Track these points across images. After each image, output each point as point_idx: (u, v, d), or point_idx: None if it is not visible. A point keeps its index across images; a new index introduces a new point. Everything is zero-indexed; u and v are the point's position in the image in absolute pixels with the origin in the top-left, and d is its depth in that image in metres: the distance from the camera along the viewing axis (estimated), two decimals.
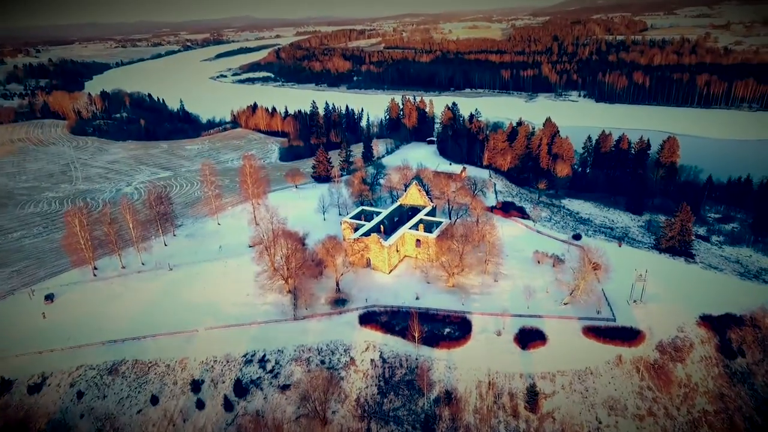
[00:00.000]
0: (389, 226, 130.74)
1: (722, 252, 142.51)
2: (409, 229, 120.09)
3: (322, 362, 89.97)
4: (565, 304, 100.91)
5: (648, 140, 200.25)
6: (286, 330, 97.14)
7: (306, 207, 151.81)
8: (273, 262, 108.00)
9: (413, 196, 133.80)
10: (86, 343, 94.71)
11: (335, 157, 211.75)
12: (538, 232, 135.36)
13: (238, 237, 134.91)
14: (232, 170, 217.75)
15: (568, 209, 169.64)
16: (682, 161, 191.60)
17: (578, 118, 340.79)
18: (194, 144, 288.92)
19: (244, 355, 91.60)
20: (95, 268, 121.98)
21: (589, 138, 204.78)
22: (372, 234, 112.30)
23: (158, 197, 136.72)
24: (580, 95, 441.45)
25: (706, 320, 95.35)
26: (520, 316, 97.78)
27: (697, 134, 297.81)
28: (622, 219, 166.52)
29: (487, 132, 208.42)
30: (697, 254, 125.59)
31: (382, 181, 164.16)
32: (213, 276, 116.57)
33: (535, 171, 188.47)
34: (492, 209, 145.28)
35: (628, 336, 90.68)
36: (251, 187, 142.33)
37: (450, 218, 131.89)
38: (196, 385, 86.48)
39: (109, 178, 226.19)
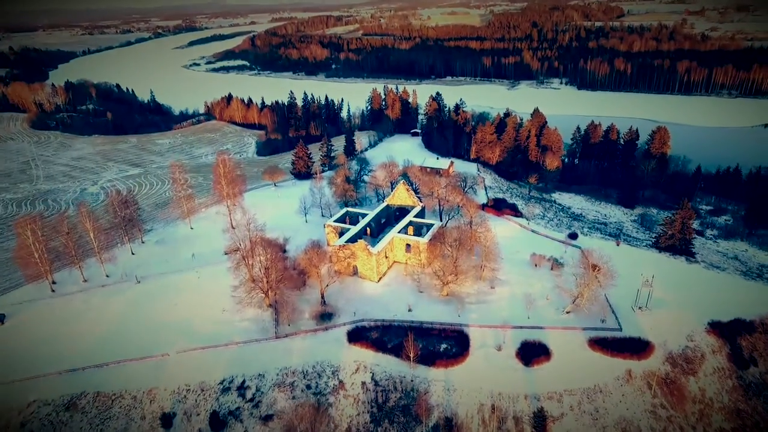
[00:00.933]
0: (376, 229, 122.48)
1: (718, 247, 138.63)
2: (398, 233, 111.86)
3: (308, 387, 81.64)
4: (567, 312, 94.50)
5: (636, 130, 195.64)
6: (268, 350, 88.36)
7: (286, 207, 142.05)
8: (251, 274, 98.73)
9: (401, 196, 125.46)
10: (41, 374, 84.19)
11: (315, 151, 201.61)
12: (533, 231, 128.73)
13: (212, 243, 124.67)
14: (206, 166, 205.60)
15: (559, 204, 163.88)
16: (670, 151, 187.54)
17: (561, 106, 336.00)
18: (166, 138, 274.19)
19: (221, 382, 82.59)
20: (53, 282, 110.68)
21: (578, 129, 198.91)
22: (359, 240, 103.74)
23: (123, 201, 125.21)
24: (561, 82, 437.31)
25: (715, 327, 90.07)
26: (521, 327, 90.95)
27: (681, 122, 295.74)
28: (614, 213, 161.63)
29: (473, 123, 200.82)
30: (696, 252, 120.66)
31: (366, 177, 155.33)
32: (185, 289, 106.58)
33: (524, 164, 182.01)
34: (483, 207, 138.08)
35: (637, 348, 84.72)
36: (226, 188, 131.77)
37: (441, 219, 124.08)
38: (166, 419, 77.28)
39: (73, 177, 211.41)
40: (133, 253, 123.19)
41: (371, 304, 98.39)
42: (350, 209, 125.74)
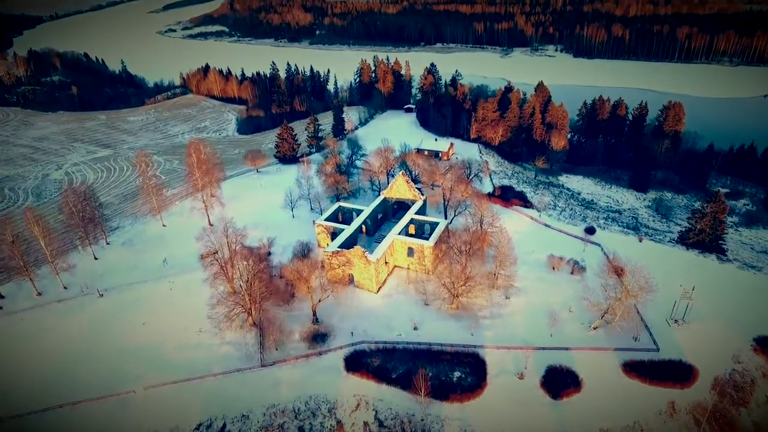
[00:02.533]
0: (373, 226, 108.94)
1: (740, 236, 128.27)
2: (399, 233, 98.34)
3: (301, 430, 69.46)
4: (594, 328, 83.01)
5: (646, 104, 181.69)
6: (252, 383, 75.63)
7: (270, 200, 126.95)
8: (232, 286, 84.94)
9: (400, 189, 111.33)
10: None
11: (301, 130, 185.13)
12: (546, 225, 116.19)
13: (187, 244, 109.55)
14: (182, 148, 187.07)
15: (568, 189, 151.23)
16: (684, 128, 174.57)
17: (558, 76, 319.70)
18: (138, 114, 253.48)
19: (197, 427, 69.85)
20: (1, 297, 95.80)
21: (585, 104, 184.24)
22: (355, 247, 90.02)
23: (82, 198, 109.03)
24: (557, 49, 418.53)
25: (761, 344, 79.40)
26: (544, 349, 79.33)
27: (685, 92, 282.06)
28: (627, 198, 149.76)
29: (471, 98, 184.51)
30: (727, 248, 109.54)
31: (359, 163, 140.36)
32: (156, 303, 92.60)
33: (529, 144, 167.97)
34: (489, 197, 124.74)
35: (679, 374, 73.71)
36: (201, 181, 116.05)
37: (445, 216, 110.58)
38: None
39: (35, 160, 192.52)
40: (96, 258, 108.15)
41: (371, 322, 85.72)
42: (343, 204, 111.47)
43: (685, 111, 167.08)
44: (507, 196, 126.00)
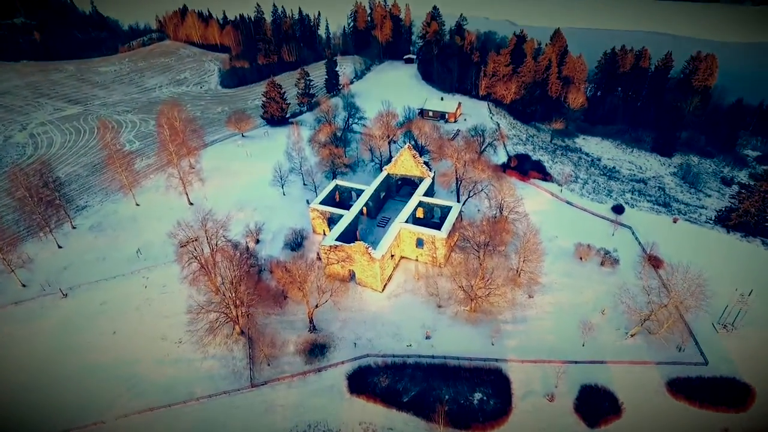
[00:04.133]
0: (374, 207, 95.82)
1: None
2: (405, 221, 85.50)
3: None
4: (631, 335, 72.68)
5: (670, 55, 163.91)
6: (242, 408, 65.35)
7: (257, 173, 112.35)
8: (214, 284, 72.85)
9: (405, 164, 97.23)
10: None
11: (290, 85, 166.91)
12: (569, 203, 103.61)
13: (163, 228, 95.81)
14: (160, 103, 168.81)
15: (587, 154, 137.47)
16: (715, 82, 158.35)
17: (559, 16, 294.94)
18: (110, 64, 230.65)
19: None
20: None
21: (606, 54, 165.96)
22: (357, 242, 77.24)
23: (37, 178, 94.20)
24: None
25: None
26: (575, 362, 69.19)
27: (702, 36, 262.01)
28: (651, 164, 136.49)
29: (478, 47, 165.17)
30: None
31: (357, 127, 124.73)
32: (128, 306, 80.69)
33: (543, 102, 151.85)
34: (504, 169, 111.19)
35: (734, 395, 64.08)
36: (176, 157, 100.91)
37: (458, 198, 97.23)
38: None
39: None
40: (59, 246, 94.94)
41: (376, 329, 74.68)
42: (340, 182, 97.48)
43: (718, 64, 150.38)
44: (524, 167, 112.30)
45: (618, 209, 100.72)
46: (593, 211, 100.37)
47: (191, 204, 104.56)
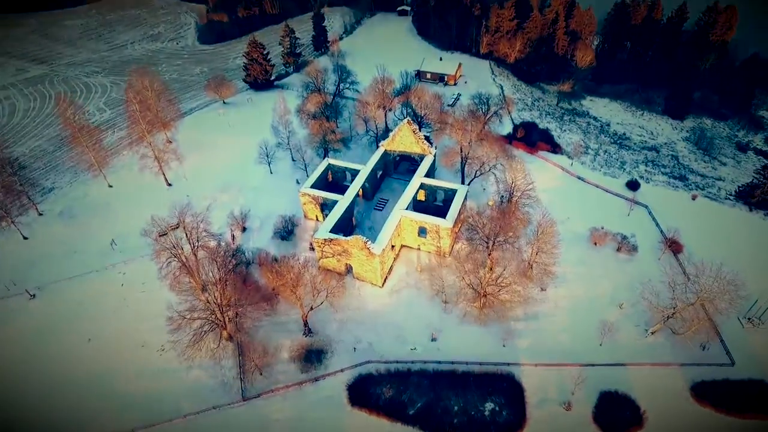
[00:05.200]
0: (371, 188, 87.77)
1: None
2: (407, 208, 77.75)
3: None
4: (652, 333, 67.55)
5: (685, 4, 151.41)
6: (233, 425, 59.96)
7: (240, 148, 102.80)
8: (200, 287, 65.77)
9: (404, 140, 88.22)
10: None
11: (274, 40, 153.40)
12: (580, 178, 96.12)
13: (140, 214, 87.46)
14: (132, 64, 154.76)
15: (595, 118, 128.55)
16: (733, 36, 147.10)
17: None
18: (76, 17, 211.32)
19: None
20: None
21: (615, 5, 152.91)
22: (355, 237, 69.66)
23: None
24: None
25: None
26: (593, 365, 64.14)
27: None
28: (662, 129, 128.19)
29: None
30: None
31: (349, 92, 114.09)
32: (104, 307, 73.53)
33: (549, 60, 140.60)
34: (510, 140, 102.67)
35: (763, 401, 59.75)
36: (148, 135, 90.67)
37: (462, 179, 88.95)
38: None
39: None
40: (25, 237, 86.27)
41: (377, 331, 68.68)
42: (333, 161, 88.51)
43: (738, 17, 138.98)
44: (531, 138, 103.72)
45: (633, 185, 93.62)
46: (607, 188, 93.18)
47: (170, 185, 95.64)
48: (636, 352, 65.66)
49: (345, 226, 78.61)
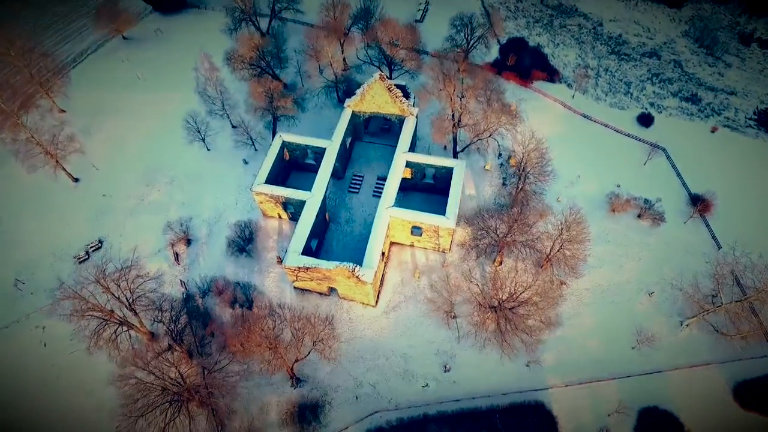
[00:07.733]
0: (341, 167, 70.04)
1: None
2: (394, 206, 61.59)
3: None
4: (687, 326, 59.87)
5: None
6: None
7: (163, 115, 79.01)
8: (146, 333, 50.94)
9: (377, 100, 68.18)
10: None
11: None
12: (585, 116, 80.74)
13: (45, 229, 67.88)
14: None
15: (585, 17, 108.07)
16: None
17: None
18: None
19: None
20: None
21: None
22: (340, 266, 54.07)
23: None
24: None
25: None
26: (628, 377, 56.67)
27: None
28: (659, 24, 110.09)
29: None
30: None
31: (289, 14, 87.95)
32: (26, 384, 57.44)
33: None
34: (499, 70, 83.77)
35: None
36: (18, 118, 65.65)
37: (455, 152, 70.97)
38: None
39: None
40: None
41: (378, 365, 57.39)
42: (287, 138, 68.05)
43: None
44: (523, 63, 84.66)
45: (645, 120, 79.56)
46: (617, 128, 78.78)
47: (76, 180, 73.44)
48: (671, 351, 58.29)
49: (318, 231, 62.60)
